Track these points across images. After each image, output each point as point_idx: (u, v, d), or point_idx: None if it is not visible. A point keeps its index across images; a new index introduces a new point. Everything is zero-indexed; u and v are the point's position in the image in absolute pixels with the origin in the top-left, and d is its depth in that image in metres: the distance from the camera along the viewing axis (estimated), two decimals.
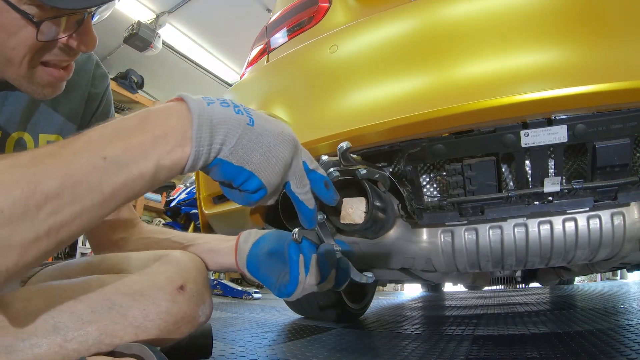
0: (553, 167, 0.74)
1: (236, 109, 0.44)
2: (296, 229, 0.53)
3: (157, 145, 0.39)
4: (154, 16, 3.99)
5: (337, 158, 0.64)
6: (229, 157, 0.42)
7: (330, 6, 1.12)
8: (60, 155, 0.36)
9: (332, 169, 0.60)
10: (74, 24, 0.51)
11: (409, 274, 1.16)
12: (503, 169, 0.79)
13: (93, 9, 0.51)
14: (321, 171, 0.51)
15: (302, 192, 0.49)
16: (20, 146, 0.64)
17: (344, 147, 0.62)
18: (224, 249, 0.65)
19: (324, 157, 0.62)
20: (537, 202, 0.76)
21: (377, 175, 0.72)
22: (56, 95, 0.58)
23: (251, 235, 0.65)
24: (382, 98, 0.80)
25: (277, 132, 0.45)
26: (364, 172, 0.66)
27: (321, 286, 0.57)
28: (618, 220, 0.79)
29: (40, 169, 0.34)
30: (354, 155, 0.68)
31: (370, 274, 0.60)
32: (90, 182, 0.36)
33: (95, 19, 0.55)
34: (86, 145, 0.37)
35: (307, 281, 0.55)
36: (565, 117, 0.67)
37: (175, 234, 0.72)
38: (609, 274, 5.26)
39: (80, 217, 0.36)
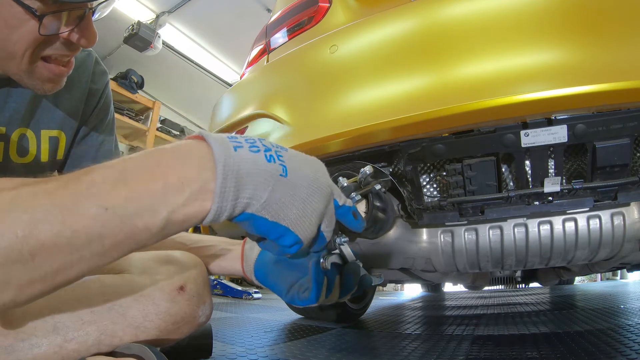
0: (553, 167, 0.74)
1: (267, 154, 0.38)
2: (323, 257, 0.53)
3: (168, 196, 0.34)
4: (154, 16, 3.99)
5: (354, 180, 0.64)
6: (261, 212, 0.37)
7: (330, 6, 1.12)
8: (61, 198, 0.33)
9: (353, 194, 0.59)
10: (75, 19, 0.52)
11: (409, 274, 1.17)
12: (503, 169, 0.79)
13: (94, 4, 0.52)
14: (348, 202, 0.49)
15: (328, 230, 0.46)
16: (22, 142, 0.65)
17: (367, 173, 0.62)
18: (230, 254, 0.65)
19: (344, 182, 0.62)
20: (537, 202, 0.77)
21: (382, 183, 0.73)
22: (57, 90, 0.59)
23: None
24: (382, 98, 0.80)
25: (312, 180, 0.41)
26: (378, 187, 0.66)
27: (339, 300, 0.57)
28: (618, 221, 0.79)
29: (38, 214, 0.31)
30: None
31: (379, 275, 0.60)
32: (90, 234, 0.32)
33: (95, 16, 0.56)
34: (88, 190, 0.33)
35: (328, 299, 0.55)
36: (565, 117, 0.67)
37: (180, 234, 0.72)
38: (609, 274, 5.26)
39: (78, 265, 0.33)
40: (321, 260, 0.52)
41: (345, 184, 0.62)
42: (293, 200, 0.39)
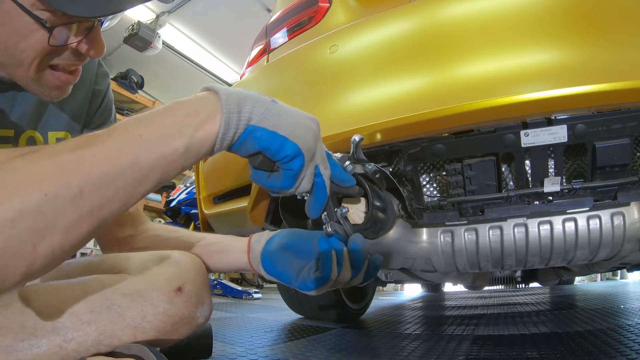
0: (553, 167, 0.74)
1: (257, 93, 0.47)
2: (328, 223, 0.53)
3: (188, 120, 0.42)
4: (154, 16, 3.99)
5: (349, 154, 0.65)
6: (261, 123, 0.44)
7: (330, 6, 1.12)
8: (100, 139, 0.38)
9: (347, 163, 0.61)
10: (84, 30, 0.53)
11: (409, 274, 1.16)
12: (503, 169, 0.79)
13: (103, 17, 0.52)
14: (333, 156, 0.55)
15: (327, 174, 0.51)
16: (31, 144, 0.65)
17: (357, 140, 0.63)
18: (236, 248, 0.65)
19: (337, 154, 0.63)
20: (537, 202, 0.76)
21: (378, 175, 0.73)
22: (63, 98, 0.59)
23: (263, 236, 0.65)
24: (382, 98, 0.79)
25: (300, 112, 0.49)
26: (370, 166, 0.68)
27: (352, 281, 0.57)
28: (618, 220, 0.79)
29: (82, 152, 0.36)
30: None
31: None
32: (129, 158, 0.37)
33: (104, 26, 0.56)
34: (123, 128, 0.39)
35: (340, 278, 0.54)
36: (565, 117, 0.67)
37: (185, 233, 0.72)
38: (609, 274, 5.26)
39: (120, 193, 0.37)
40: (324, 226, 0.53)
41: (339, 155, 0.63)
42: (287, 116, 0.46)
